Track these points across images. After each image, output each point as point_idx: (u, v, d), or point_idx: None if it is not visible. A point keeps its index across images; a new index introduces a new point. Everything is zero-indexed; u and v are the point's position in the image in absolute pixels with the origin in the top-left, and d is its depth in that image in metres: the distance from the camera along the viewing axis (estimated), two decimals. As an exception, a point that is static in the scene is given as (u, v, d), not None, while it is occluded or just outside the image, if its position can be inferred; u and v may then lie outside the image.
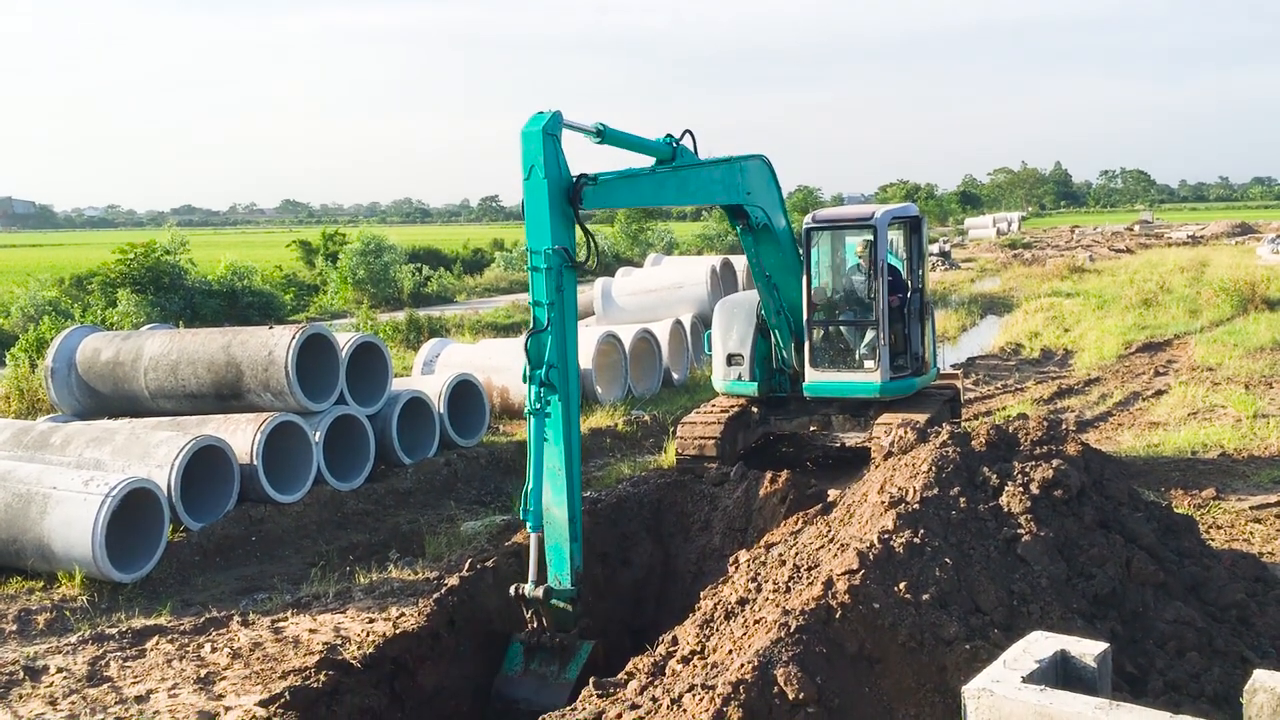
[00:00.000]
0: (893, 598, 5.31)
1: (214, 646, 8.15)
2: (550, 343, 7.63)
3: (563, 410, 7.67)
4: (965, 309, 30.97)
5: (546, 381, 7.62)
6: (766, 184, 11.18)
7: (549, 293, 7.63)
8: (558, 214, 7.64)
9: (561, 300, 7.66)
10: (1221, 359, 18.62)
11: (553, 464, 7.69)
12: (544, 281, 7.63)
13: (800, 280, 11.94)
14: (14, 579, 9.93)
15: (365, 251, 36.21)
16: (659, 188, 9.48)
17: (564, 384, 7.68)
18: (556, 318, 7.64)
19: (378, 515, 12.08)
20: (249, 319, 25.56)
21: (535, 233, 7.68)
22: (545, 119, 7.59)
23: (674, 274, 23.47)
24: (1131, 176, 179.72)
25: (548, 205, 7.58)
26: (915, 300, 12.21)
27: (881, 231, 11.71)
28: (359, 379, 13.01)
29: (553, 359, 7.64)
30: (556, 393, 7.64)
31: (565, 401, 7.68)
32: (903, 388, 12.00)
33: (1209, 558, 6.53)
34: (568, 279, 7.74)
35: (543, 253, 7.62)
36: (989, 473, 6.36)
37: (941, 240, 59.73)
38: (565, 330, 7.72)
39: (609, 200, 8.53)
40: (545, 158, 7.55)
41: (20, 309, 26.79)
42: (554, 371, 7.65)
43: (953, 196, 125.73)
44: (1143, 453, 12.55)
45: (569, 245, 7.73)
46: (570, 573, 7.63)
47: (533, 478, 7.66)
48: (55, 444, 11.48)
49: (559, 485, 7.67)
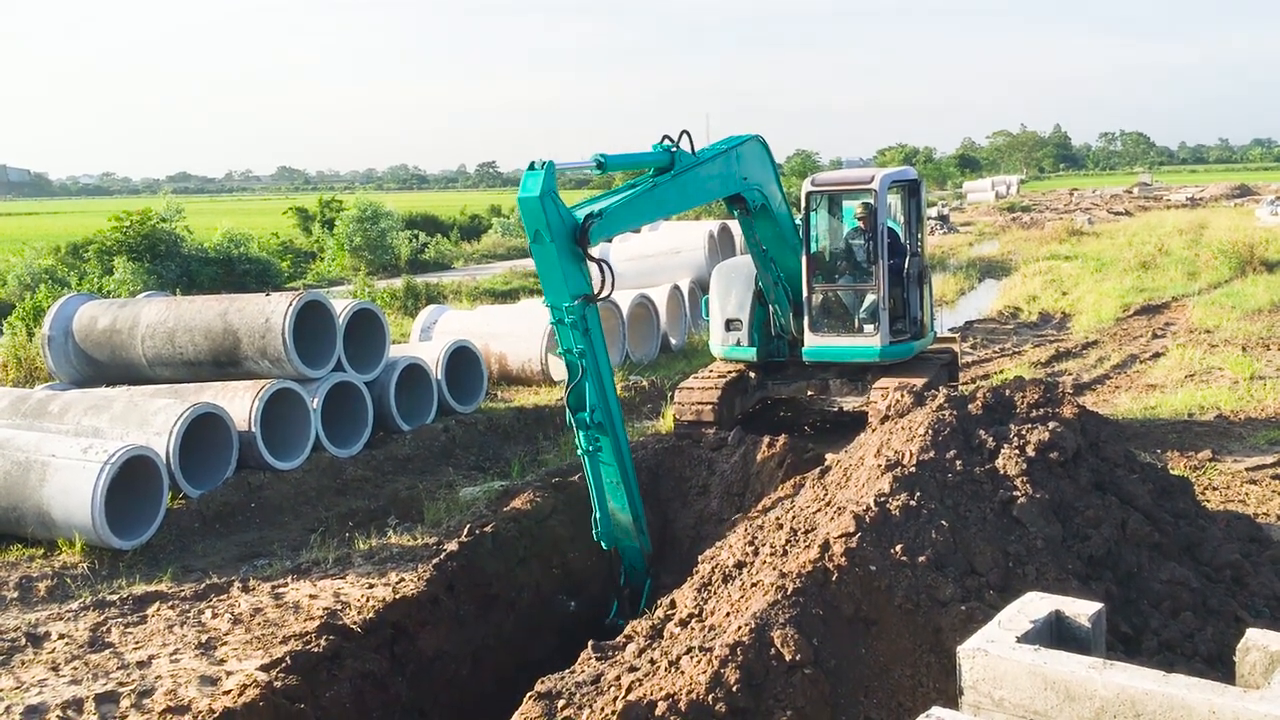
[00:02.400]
0: (889, 560, 5.33)
1: (215, 612, 8.20)
2: (589, 388, 7.89)
3: (612, 439, 8.05)
4: (963, 272, 30.93)
5: (593, 423, 7.94)
6: (763, 163, 11.14)
7: (577, 340, 7.83)
8: (570, 266, 7.75)
9: (589, 341, 7.86)
10: (1219, 321, 18.62)
11: (612, 479, 8.21)
12: (570, 333, 7.83)
13: (797, 254, 11.90)
14: (14, 546, 9.97)
15: (362, 218, 36.05)
16: (660, 203, 9.50)
17: (607, 416, 8.00)
18: (590, 362, 7.87)
19: (376, 481, 12.11)
20: (246, 286, 25.47)
21: (552, 290, 7.80)
22: (540, 180, 7.50)
23: (671, 239, 23.41)
24: (1131, 139, 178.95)
25: (558, 261, 7.67)
26: (914, 264, 12.19)
27: (881, 195, 11.67)
28: (356, 346, 13.00)
29: (594, 401, 7.91)
30: (606, 433, 7.99)
31: (613, 430, 8.05)
32: (901, 351, 12.00)
33: (1204, 519, 6.56)
34: (591, 316, 7.90)
35: (563, 307, 7.77)
36: (985, 436, 6.38)
37: (940, 204, 59.56)
38: (600, 368, 7.98)
39: (614, 229, 8.75)
40: (549, 219, 7.56)
41: (17, 277, 26.71)
42: (598, 412, 7.93)
43: (951, 160, 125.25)
44: (1140, 415, 12.57)
45: (587, 290, 7.85)
46: (643, 559, 8.61)
47: (598, 507, 8.25)
48: (53, 412, 11.49)
49: (620, 495, 8.24)
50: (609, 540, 8.37)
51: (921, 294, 12.34)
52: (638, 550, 8.57)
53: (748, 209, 11.11)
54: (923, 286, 12.37)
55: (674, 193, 9.54)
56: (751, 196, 10.99)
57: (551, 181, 7.63)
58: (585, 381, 7.86)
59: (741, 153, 10.74)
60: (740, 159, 10.69)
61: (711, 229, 23.29)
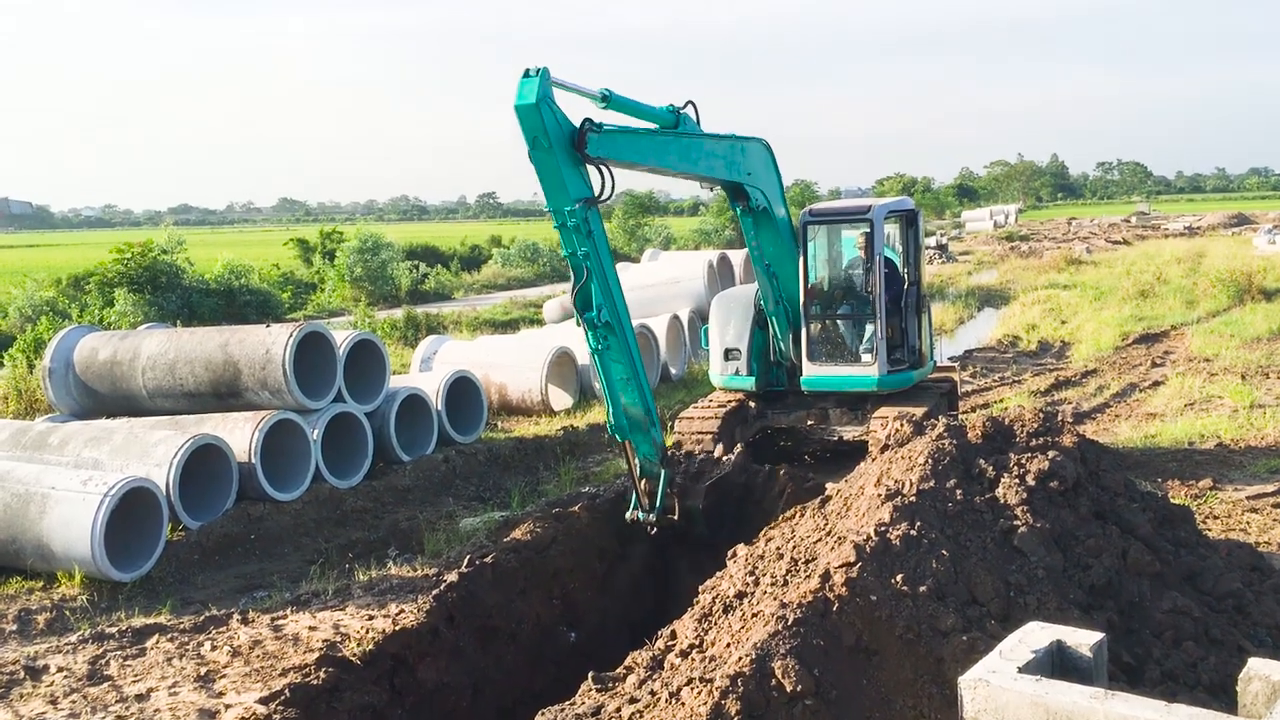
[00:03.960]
0: (890, 590, 5.32)
1: (214, 644, 8.16)
2: (594, 287, 8.23)
3: (620, 338, 8.40)
4: (962, 301, 30.98)
5: (600, 323, 8.29)
6: (766, 167, 11.21)
7: (580, 243, 8.15)
8: (569, 169, 8.02)
9: (593, 243, 8.18)
10: (1218, 350, 18.64)
11: (622, 376, 8.57)
12: (574, 236, 8.14)
13: (799, 270, 11.96)
14: (14, 579, 9.94)
15: (363, 249, 36.17)
16: (662, 150, 9.67)
17: (614, 315, 8.33)
18: (595, 263, 8.19)
19: (376, 512, 12.09)
20: (246, 318, 25.53)
21: (553, 195, 8.09)
22: (535, 87, 7.73)
23: (671, 269, 23.47)
24: (1128, 168, 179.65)
25: (559, 166, 7.93)
26: (911, 294, 12.22)
27: (877, 225, 11.73)
28: (357, 377, 13.02)
29: (600, 300, 8.27)
30: (614, 332, 8.33)
31: (621, 330, 8.39)
32: (900, 381, 12.01)
33: (1205, 548, 6.55)
34: (594, 219, 8.22)
35: (565, 211, 8.08)
36: (985, 465, 6.38)
37: (939, 233, 59.74)
38: (604, 269, 8.28)
39: (610, 151, 8.80)
40: (546, 125, 7.82)
41: (18, 309, 26.77)
42: (604, 311, 8.27)
43: (949, 189, 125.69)
44: (1140, 444, 12.56)
45: (588, 193, 8.17)
46: (656, 451, 8.86)
47: (609, 398, 8.62)
48: (53, 444, 11.49)
49: (631, 390, 8.59)
50: (621, 434, 8.74)
51: (920, 323, 12.38)
52: (651, 444, 8.80)
53: (749, 206, 11.22)
54: (921, 316, 12.40)
55: (675, 148, 9.77)
56: (753, 194, 11.09)
57: (546, 89, 7.83)
58: (591, 283, 8.19)
59: (746, 147, 10.86)
60: (744, 152, 10.81)
61: (711, 259, 23.36)
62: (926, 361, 12.61)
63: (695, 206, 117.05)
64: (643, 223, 55.10)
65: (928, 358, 12.66)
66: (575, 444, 14.68)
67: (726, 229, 52.63)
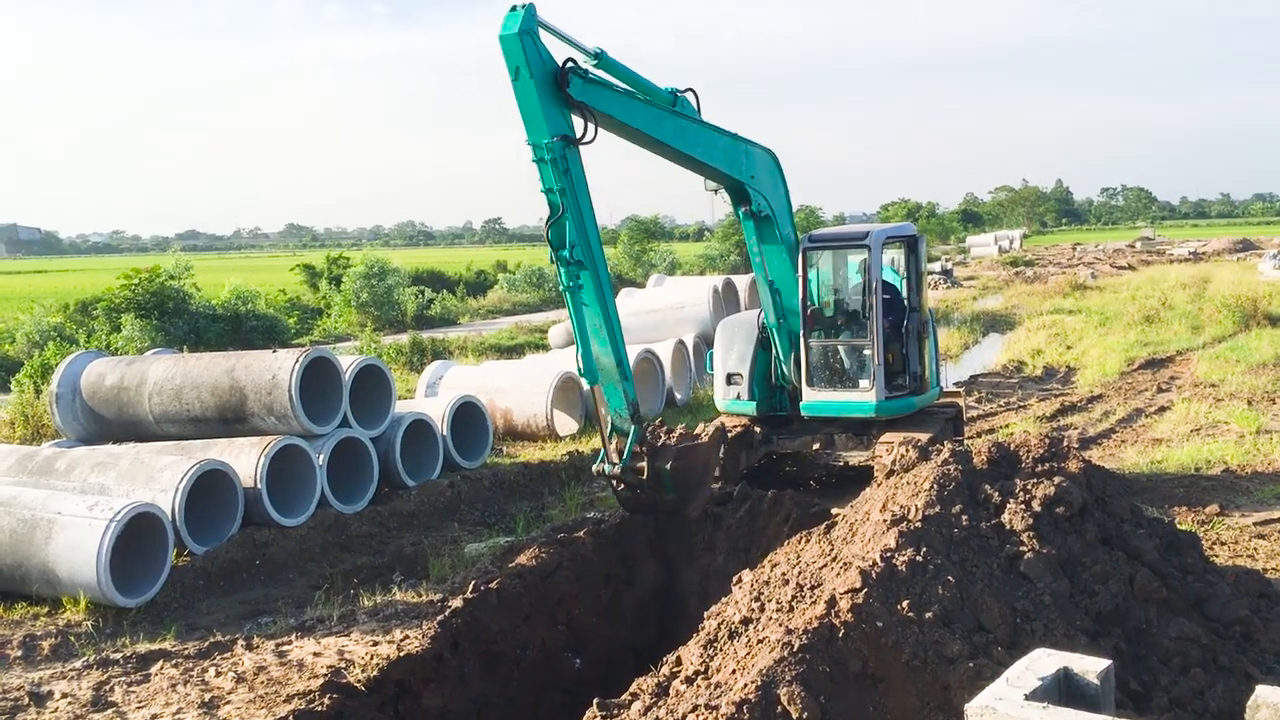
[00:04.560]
0: (896, 616, 5.31)
1: (218, 670, 8.15)
2: (569, 224, 8.31)
3: (593, 278, 8.43)
4: (967, 327, 31.00)
5: (573, 260, 8.35)
6: (773, 178, 11.23)
7: (557, 179, 8.24)
8: (550, 104, 8.16)
9: (570, 182, 8.26)
10: (1224, 375, 18.61)
11: (594, 322, 8.55)
12: (550, 171, 8.24)
13: (799, 292, 11.99)
14: (19, 604, 9.94)
15: (369, 275, 36.31)
16: (655, 120, 9.74)
17: (589, 256, 8.38)
18: (570, 200, 8.28)
19: (381, 538, 12.08)
20: (253, 343, 25.62)
21: (532, 127, 8.21)
22: (519, 20, 7.88)
23: (676, 294, 23.53)
24: (1133, 194, 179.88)
25: (538, 99, 8.08)
26: (913, 319, 12.22)
27: (875, 251, 11.72)
28: (362, 402, 13.04)
29: (574, 238, 8.32)
30: (585, 268, 8.36)
31: (594, 270, 8.42)
32: (900, 407, 11.98)
33: (1213, 574, 6.53)
34: (573, 160, 8.31)
35: (543, 145, 8.19)
36: (991, 490, 6.37)
37: (943, 258, 59.81)
38: (580, 208, 8.37)
39: (596, 101, 8.85)
40: (528, 57, 7.98)
41: (25, 335, 26.88)
42: (578, 249, 8.33)
43: (954, 215, 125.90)
44: (1146, 469, 12.54)
45: (567, 131, 8.27)
46: (626, 406, 8.79)
47: (580, 342, 8.61)
48: (60, 469, 11.51)
49: (603, 339, 8.58)
50: (590, 379, 8.71)
51: (922, 349, 12.36)
52: (622, 398, 8.73)
53: (752, 210, 11.27)
54: (923, 341, 12.38)
55: (670, 124, 9.84)
56: (756, 199, 11.09)
57: (531, 23, 7.96)
58: (565, 219, 8.27)
59: (751, 150, 10.88)
60: (749, 155, 10.82)
61: (716, 284, 23.41)
62: (929, 387, 12.57)
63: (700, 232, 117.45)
64: (648, 248, 55.24)
65: (930, 384, 12.62)
66: (581, 469, 14.67)
67: (732, 254, 52.72)
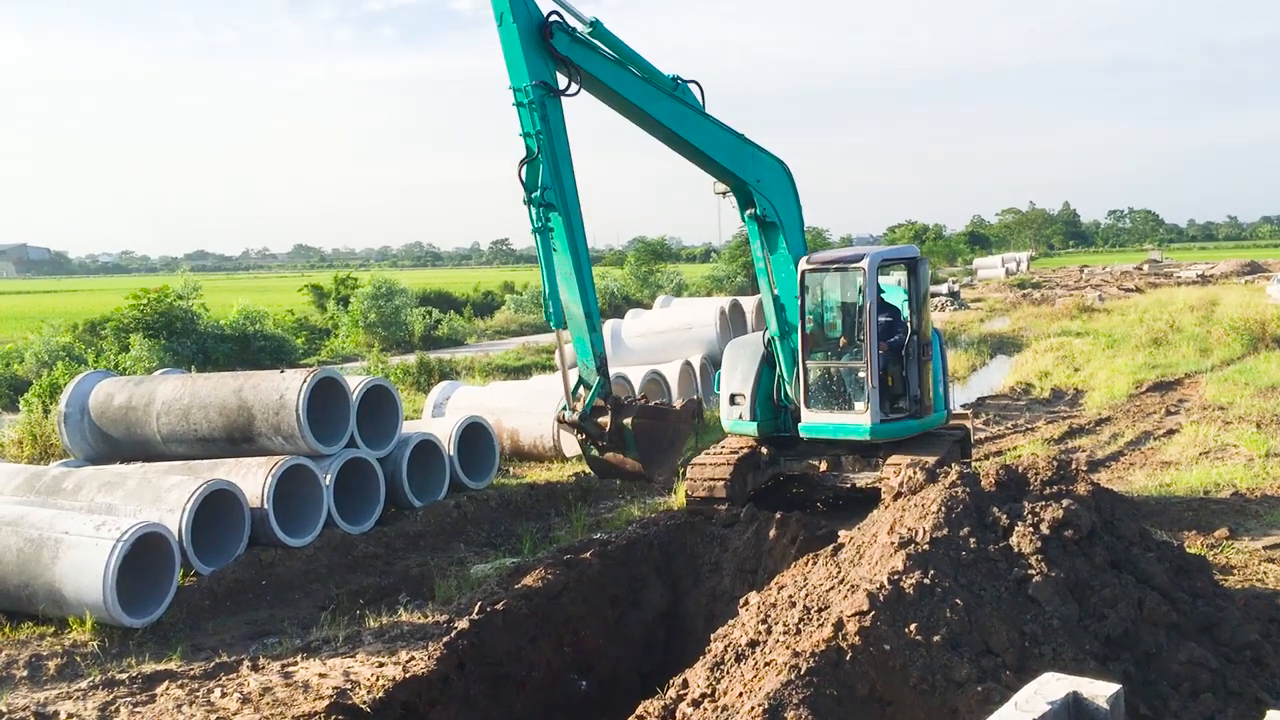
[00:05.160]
0: (903, 639, 5.29)
1: (224, 691, 8.13)
2: (542, 168, 8.61)
3: (565, 223, 8.68)
4: (975, 349, 30.95)
5: (544, 202, 8.62)
6: (783, 188, 11.29)
7: (534, 123, 8.58)
8: (532, 52, 8.55)
9: (548, 129, 8.61)
10: (1233, 398, 18.54)
11: (565, 269, 8.72)
12: (528, 114, 8.59)
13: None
14: (25, 624, 9.93)
15: (376, 295, 36.42)
16: (650, 97, 10.01)
17: (562, 200, 8.65)
18: (545, 144, 8.60)
19: (388, 558, 12.07)
20: (261, 363, 25.67)
21: (514, 72, 8.58)
22: None
23: (683, 315, 23.54)
24: (1140, 216, 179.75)
25: (520, 45, 8.46)
26: (914, 342, 12.10)
27: (870, 273, 11.64)
28: (369, 422, 13.05)
29: (547, 181, 8.62)
30: (556, 210, 8.63)
31: (566, 215, 8.67)
32: (898, 430, 11.88)
33: (1222, 598, 6.50)
34: (551, 108, 8.67)
35: (523, 89, 8.58)
36: (999, 513, 6.35)
37: (950, 280, 59.83)
38: (555, 154, 8.67)
39: (583, 60, 9.17)
40: (512, 5, 8.30)
41: (34, 354, 26.95)
42: (549, 192, 8.62)
43: (961, 237, 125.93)
44: (1155, 492, 12.48)
45: (548, 79, 8.66)
46: (594, 358, 8.91)
47: (547, 284, 8.77)
48: (67, 489, 11.53)
49: (572, 286, 8.74)
50: (556, 321, 8.85)
51: (924, 372, 12.20)
52: (589, 349, 8.84)
53: (756, 215, 11.36)
54: (924, 364, 12.20)
55: (667, 105, 10.01)
56: (761, 203, 11.12)
57: None
58: (539, 162, 8.58)
59: (761, 155, 10.93)
60: (758, 159, 10.87)
61: (723, 305, 23.43)
62: (932, 410, 12.37)
63: (707, 253, 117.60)
64: (655, 269, 55.33)
65: (935, 407, 12.42)
66: (587, 490, 14.65)
67: (739, 276, 52.75)
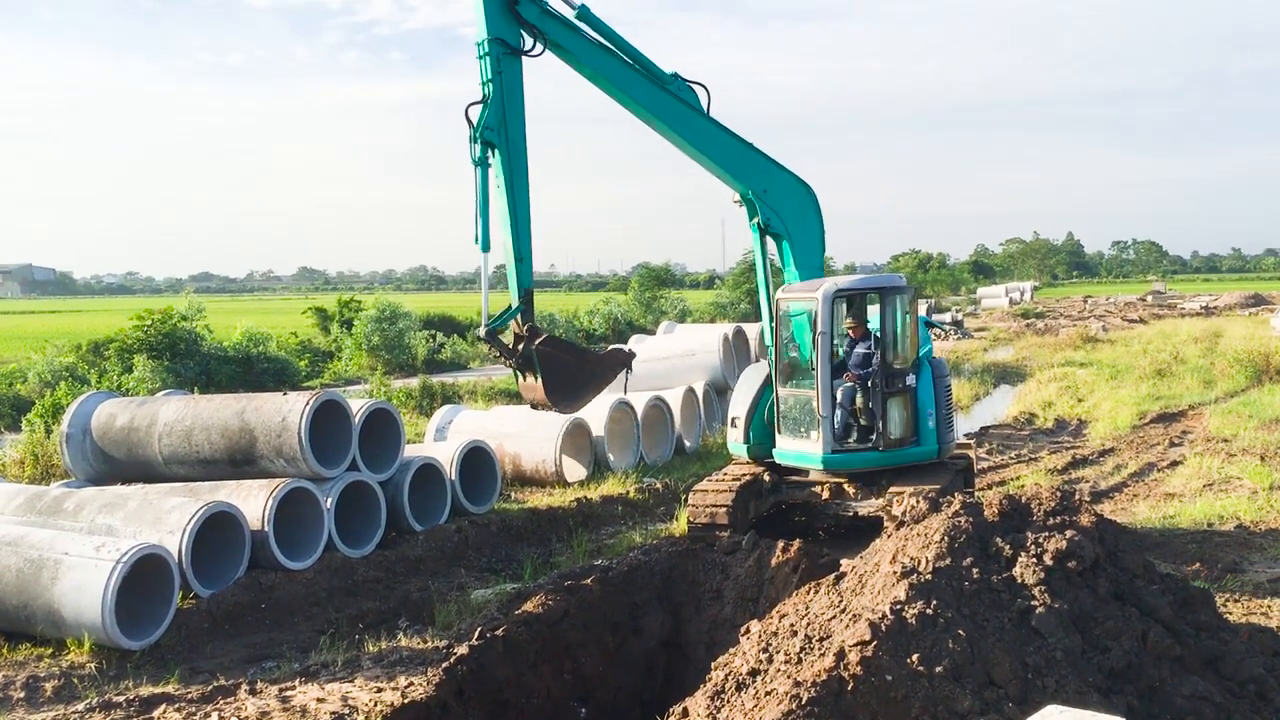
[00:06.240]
0: (905, 670, 5.26)
1: (221, 715, 8.08)
2: (489, 111, 9.60)
3: (504, 163, 9.62)
4: (978, 378, 30.95)
5: (485, 141, 9.59)
6: (803, 208, 11.53)
7: (490, 73, 9.64)
8: (495, 12, 9.55)
9: (500, 81, 9.62)
10: (1237, 430, 18.50)
11: (502, 208, 9.67)
12: (484, 65, 9.65)
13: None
14: (23, 645, 9.90)
15: (380, 318, 36.46)
16: (633, 82, 10.66)
17: (503, 142, 9.61)
18: (495, 93, 9.59)
19: (388, 582, 12.03)
20: (264, 385, 25.67)
21: (480, 26, 9.57)
22: None
23: (687, 342, 23.55)
24: (1144, 247, 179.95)
25: (484, 4, 9.50)
26: (880, 374, 11.78)
27: (824, 304, 11.48)
28: (372, 445, 13.04)
29: (490, 123, 9.58)
30: (496, 148, 9.58)
31: (508, 157, 9.63)
32: (854, 461, 11.83)
33: (1226, 631, 6.46)
34: (507, 65, 9.70)
35: (482, 42, 9.62)
36: (1002, 543, 6.33)
37: (954, 309, 59.88)
38: (505, 104, 9.62)
39: (552, 31, 10.12)
40: None
41: (38, 374, 26.96)
42: (490, 132, 9.56)
43: (965, 266, 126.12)
44: (1158, 524, 12.44)
45: (506, 37, 9.66)
46: (520, 291, 9.93)
47: (481, 215, 9.65)
48: (68, 509, 11.51)
49: (506, 226, 9.71)
50: (484, 245, 9.71)
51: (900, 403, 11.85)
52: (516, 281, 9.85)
53: (760, 223, 11.63)
54: (897, 396, 11.86)
55: (652, 93, 10.56)
56: (765, 212, 11.27)
57: None
58: (489, 106, 9.58)
59: (774, 169, 11.13)
60: (768, 172, 11.02)
61: (727, 332, 23.45)
62: (911, 444, 12.04)
63: (711, 279, 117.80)
64: (658, 295, 55.40)
65: (912, 440, 12.05)
66: (588, 516, 14.62)
67: (742, 302, 52.80)
